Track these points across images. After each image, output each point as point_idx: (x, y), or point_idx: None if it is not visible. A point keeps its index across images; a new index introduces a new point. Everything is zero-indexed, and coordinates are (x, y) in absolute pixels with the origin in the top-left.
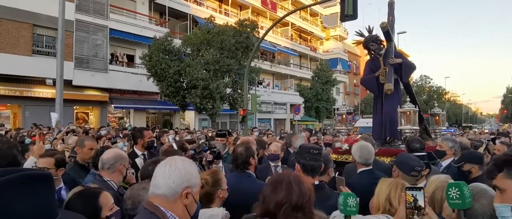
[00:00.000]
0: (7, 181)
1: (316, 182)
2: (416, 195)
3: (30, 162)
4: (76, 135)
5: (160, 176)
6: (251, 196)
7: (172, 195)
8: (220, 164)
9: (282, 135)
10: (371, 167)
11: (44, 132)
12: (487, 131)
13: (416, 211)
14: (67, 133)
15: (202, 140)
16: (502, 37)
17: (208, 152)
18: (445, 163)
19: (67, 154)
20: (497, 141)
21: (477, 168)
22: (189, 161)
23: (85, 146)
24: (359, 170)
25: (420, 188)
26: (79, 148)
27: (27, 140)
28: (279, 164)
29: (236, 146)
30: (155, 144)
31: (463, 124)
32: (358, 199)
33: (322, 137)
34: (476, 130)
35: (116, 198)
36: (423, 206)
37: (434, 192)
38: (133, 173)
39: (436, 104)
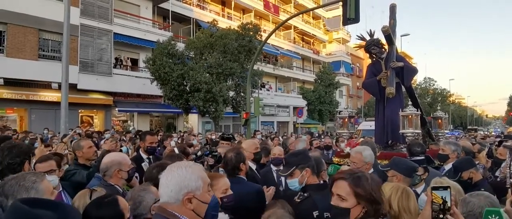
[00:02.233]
0: None
1: (321, 181)
2: (445, 197)
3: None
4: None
5: (161, 187)
6: (243, 199)
7: (174, 202)
8: None
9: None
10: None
11: (50, 136)
12: (493, 133)
13: (442, 212)
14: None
15: (202, 142)
16: (508, 39)
17: (210, 156)
18: (447, 166)
19: (70, 157)
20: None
21: (475, 171)
22: (188, 166)
23: (83, 147)
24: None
25: (447, 187)
26: (79, 151)
27: (36, 144)
28: (281, 168)
29: (227, 152)
30: (159, 148)
31: (468, 127)
32: None
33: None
34: (482, 132)
35: None
36: (449, 206)
37: None
38: (136, 177)
39: (439, 107)
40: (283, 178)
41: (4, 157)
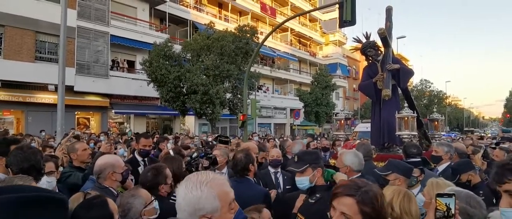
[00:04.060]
0: (20, 200)
1: (328, 183)
2: (449, 204)
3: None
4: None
5: (176, 204)
6: (249, 201)
7: None
8: (224, 170)
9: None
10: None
11: (47, 138)
12: (490, 135)
13: None
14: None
15: (197, 145)
16: (506, 41)
17: (204, 158)
18: (441, 167)
19: (65, 159)
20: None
21: (474, 174)
22: (205, 183)
23: (78, 149)
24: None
25: (451, 195)
26: (73, 153)
27: (33, 144)
28: (279, 170)
29: (236, 153)
30: (154, 150)
31: (465, 129)
32: None
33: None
34: (478, 134)
35: None
36: (453, 213)
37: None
38: (132, 180)
39: (435, 110)
40: (281, 180)
41: (38, 161)
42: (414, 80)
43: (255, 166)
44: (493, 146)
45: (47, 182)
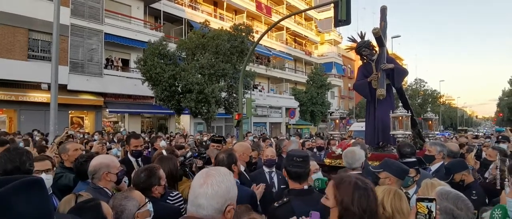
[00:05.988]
0: (10, 188)
1: (306, 187)
2: (430, 207)
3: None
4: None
5: (202, 197)
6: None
7: (216, 214)
8: None
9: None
10: (359, 171)
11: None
12: (482, 134)
13: None
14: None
15: (191, 144)
16: (499, 42)
17: (198, 158)
18: (434, 167)
19: (56, 160)
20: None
21: (467, 174)
22: (229, 173)
23: (69, 149)
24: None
25: (432, 199)
26: (65, 154)
27: (21, 144)
28: (274, 170)
29: (218, 153)
30: (149, 150)
31: (458, 128)
32: None
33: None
34: (471, 133)
35: None
36: (435, 216)
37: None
38: (125, 182)
39: (429, 109)
40: (275, 180)
41: (23, 162)
42: (409, 80)
43: (238, 166)
44: (494, 144)
45: (46, 179)
